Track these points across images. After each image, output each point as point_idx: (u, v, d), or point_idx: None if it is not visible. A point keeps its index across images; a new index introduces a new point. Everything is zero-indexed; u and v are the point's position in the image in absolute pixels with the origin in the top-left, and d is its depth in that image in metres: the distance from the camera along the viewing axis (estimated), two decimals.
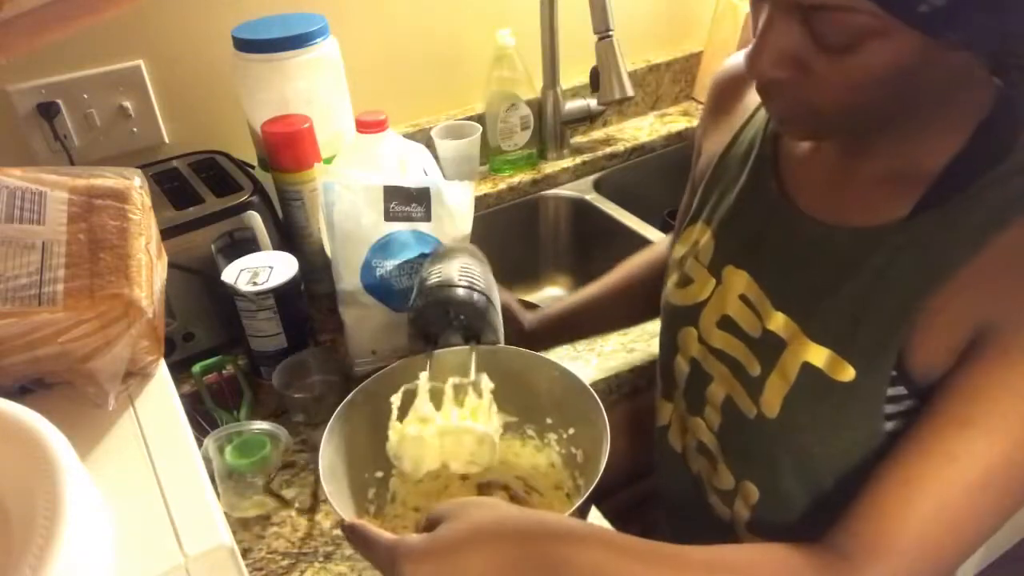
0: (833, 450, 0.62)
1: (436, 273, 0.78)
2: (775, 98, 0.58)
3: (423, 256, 0.93)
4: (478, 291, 0.76)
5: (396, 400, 0.70)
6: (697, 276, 0.72)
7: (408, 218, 0.93)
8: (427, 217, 0.94)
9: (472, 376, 0.71)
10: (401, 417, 0.70)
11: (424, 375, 0.71)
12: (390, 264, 0.93)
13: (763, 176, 0.67)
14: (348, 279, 0.94)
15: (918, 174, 0.58)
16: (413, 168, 1.04)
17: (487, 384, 0.71)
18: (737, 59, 0.72)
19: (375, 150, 1.03)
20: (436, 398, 0.71)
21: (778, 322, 0.63)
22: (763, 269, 0.65)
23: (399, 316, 0.92)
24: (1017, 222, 0.53)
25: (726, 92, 0.76)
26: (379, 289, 0.93)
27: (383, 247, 0.93)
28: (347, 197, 0.92)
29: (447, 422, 0.68)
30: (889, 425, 0.59)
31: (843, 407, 0.60)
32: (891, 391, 0.58)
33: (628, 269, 0.97)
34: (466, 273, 0.77)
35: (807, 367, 0.61)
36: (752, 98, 0.72)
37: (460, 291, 0.74)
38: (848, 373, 0.59)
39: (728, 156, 0.72)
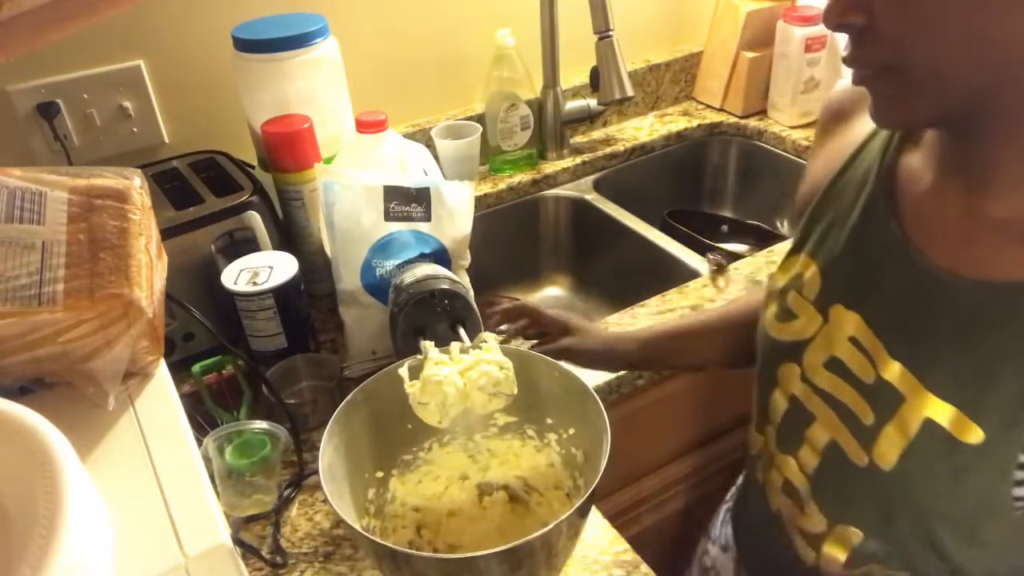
0: (952, 508, 0.58)
1: (409, 275, 0.86)
2: (855, 57, 0.52)
3: (423, 256, 0.93)
4: (454, 280, 0.85)
5: (404, 372, 0.71)
6: (801, 312, 0.67)
7: (408, 218, 0.94)
8: (427, 217, 0.94)
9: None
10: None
11: (429, 344, 0.73)
12: (390, 264, 0.93)
13: (879, 213, 0.61)
14: (348, 279, 0.94)
15: None
16: (413, 168, 1.04)
17: (490, 335, 0.73)
18: (847, 82, 0.65)
19: (375, 150, 1.04)
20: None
21: (894, 372, 0.58)
22: (878, 313, 0.60)
23: None
24: None
25: (834, 116, 0.72)
26: (379, 289, 0.93)
27: (383, 247, 0.93)
28: (347, 197, 0.92)
29: (464, 362, 0.71)
30: (1020, 491, 0.55)
31: (967, 469, 0.55)
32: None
33: (725, 310, 0.92)
34: (438, 271, 0.86)
35: (929, 424, 0.56)
36: (862, 126, 0.67)
37: (442, 281, 0.84)
38: (976, 435, 0.54)
39: (837, 186, 0.66)
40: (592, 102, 1.42)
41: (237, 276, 0.91)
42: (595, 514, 0.78)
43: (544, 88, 1.38)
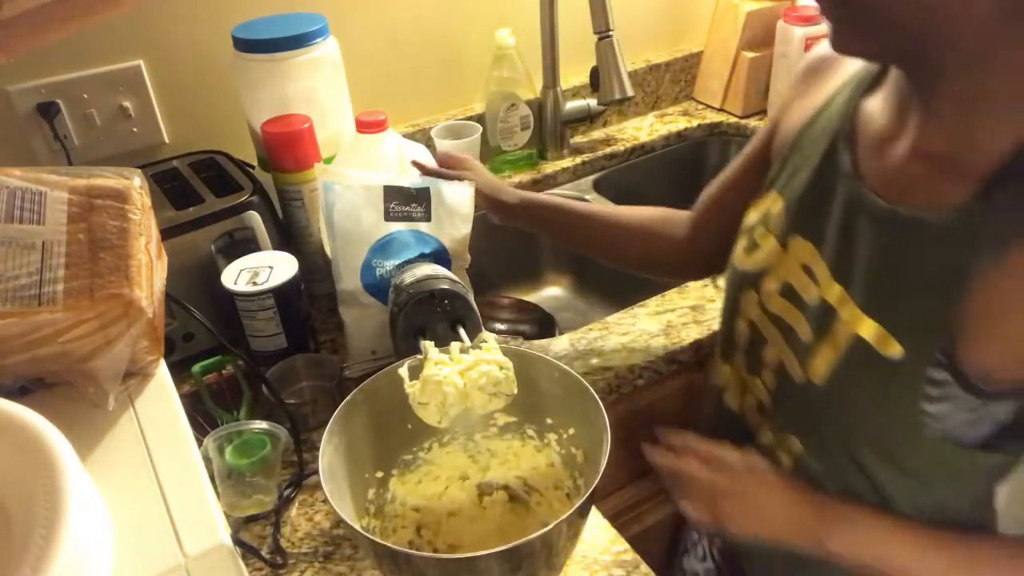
0: (873, 424, 0.63)
1: (409, 275, 0.86)
2: None
3: (423, 256, 0.93)
4: (454, 280, 0.85)
5: (404, 372, 0.71)
6: (764, 244, 0.74)
7: (408, 218, 0.94)
8: (427, 217, 0.94)
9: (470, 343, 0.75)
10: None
11: (429, 344, 0.73)
12: (390, 264, 0.93)
13: (838, 151, 0.67)
14: (348, 279, 0.94)
15: (982, 159, 0.56)
16: (413, 168, 1.04)
17: (490, 335, 0.74)
18: (825, 45, 0.72)
19: (375, 150, 1.04)
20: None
21: (834, 293, 0.65)
22: (826, 241, 0.67)
23: None
24: None
25: (812, 73, 0.77)
26: (379, 289, 0.94)
27: (383, 247, 0.93)
28: (347, 197, 0.92)
29: (464, 362, 0.71)
30: (931, 408, 0.60)
31: (887, 382, 0.61)
32: (936, 374, 0.58)
33: (642, 214, 0.99)
34: (438, 271, 0.86)
35: (857, 339, 0.62)
36: (835, 82, 0.73)
37: (442, 281, 0.84)
38: (895, 349, 0.60)
39: (808, 131, 0.73)
40: (592, 102, 1.42)
41: (237, 276, 0.91)
42: (595, 514, 0.78)
43: (544, 88, 1.38)
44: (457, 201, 0.95)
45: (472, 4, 1.34)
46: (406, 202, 0.93)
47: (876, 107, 0.66)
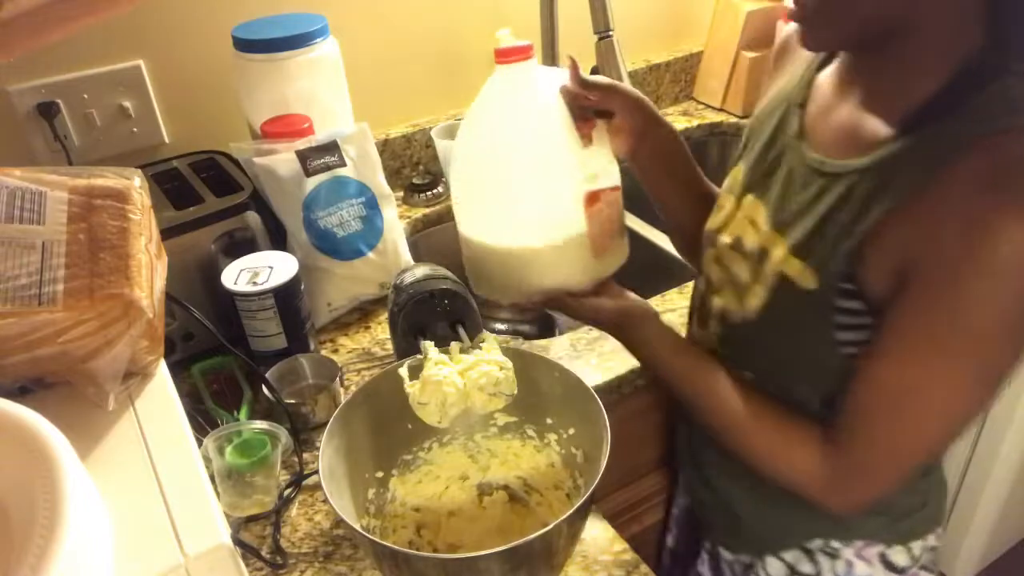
0: (794, 355, 0.71)
1: (409, 275, 0.87)
2: None
3: (351, 196, 1.04)
4: (454, 280, 0.86)
5: (404, 372, 0.71)
6: (726, 204, 0.80)
7: (326, 168, 1.02)
8: (342, 163, 1.03)
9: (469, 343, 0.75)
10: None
11: (429, 344, 0.73)
12: (326, 214, 1.02)
13: (790, 119, 0.74)
14: (298, 243, 1.02)
15: (901, 107, 0.63)
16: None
17: (490, 335, 0.74)
18: (791, 26, 0.80)
19: (519, 82, 0.79)
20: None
21: (770, 238, 0.71)
22: (770, 195, 0.73)
23: (348, 267, 1.05)
24: (958, 163, 0.57)
25: (781, 51, 0.84)
26: (327, 242, 1.02)
27: (313, 200, 1.02)
28: (263, 165, 1.00)
29: (464, 362, 0.71)
30: (844, 335, 0.66)
31: (803, 311, 0.68)
32: (845, 303, 0.65)
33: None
34: (438, 270, 0.87)
35: (782, 276, 0.69)
36: (795, 60, 0.79)
37: (442, 281, 0.84)
38: (811, 281, 0.66)
39: (768, 105, 0.79)
40: None
41: (237, 276, 0.91)
42: (595, 514, 0.78)
43: None
44: (359, 144, 1.06)
45: (472, 4, 1.34)
46: (320, 156, 1.02)
47: (827, 79, 0.73)
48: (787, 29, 0.84)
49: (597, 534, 0.77)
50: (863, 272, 0.63)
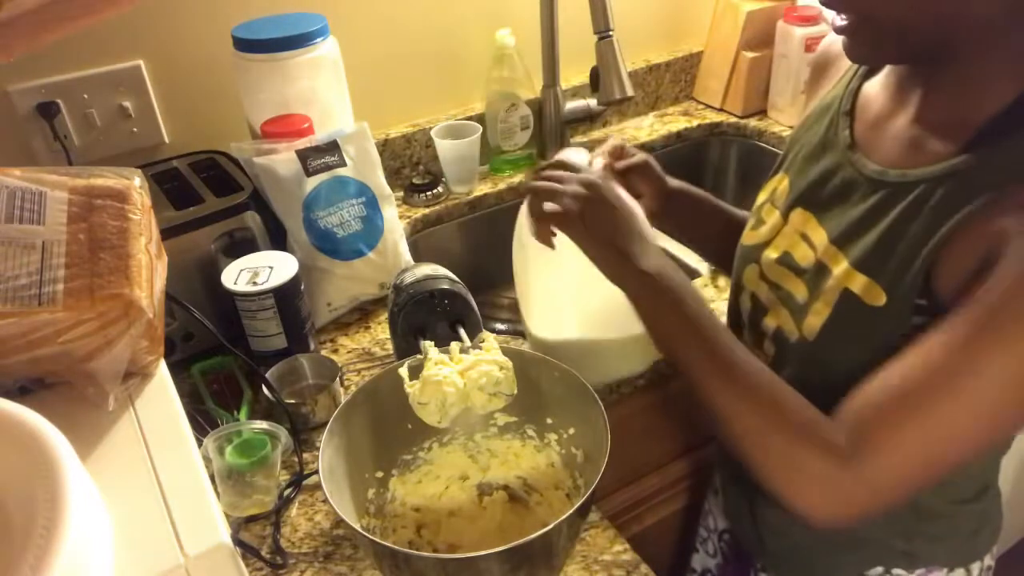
0: (857, 372, 0.63)
1: (409, 275, 0.87)
2: (837, 5, 0.63)
3: (351, 196, 1.04)
4: (454, 280, 0.86)
5: (404, 372, 0.71)
6: (768, 219, 0.78)
7: (326, 168, 1.02)
8: (342, 163, 1.03)
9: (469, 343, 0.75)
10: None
11: (429, 344, 0.73)
12: (326, 213, 1.02)
13: (839, 128, 0.72)
14: (299, 244, 1.01)
15: (968, 123, 0.61)
16: None
17: (490, 335, 0.74)
18: (833, 36, 0.80)
19: None
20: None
21: (829, 254, 0.68)
22: (824, 209, 0.71)
23: (348, 267, 1.05)
24: None
25: (819, 67, 0.83)
26: (327, 242, 1.02)
27: (314, 200, 1.01)
28: (265, 165, 1.00)
29: (464, 362, 0.71)
30: None
31: (872, 329, 0.64)
32: (918, 319, 0.61)
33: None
34: (437, 270, 0.87)
35: (846, 293, 0.66)
36: (838, 70, 0.78)
37: (442, 281, 0.85)
38: (880, 298, 0.63)
39: (812, 115, 0.78)
40: (592, 102, 1.41)
41: (237, 276, 0.91)
42: (595, 514, 0.78)
43: (544, 88, 1.38)
44: (359, 144, 1.06)
45: (472, 4, 1.33)
46: (320, 156, 1.02)
47: (875, 90, 0.71)
48: (827, 40, 0.83)
49: (597, 534, 0.77)
50: (935, 284, 0.60)
